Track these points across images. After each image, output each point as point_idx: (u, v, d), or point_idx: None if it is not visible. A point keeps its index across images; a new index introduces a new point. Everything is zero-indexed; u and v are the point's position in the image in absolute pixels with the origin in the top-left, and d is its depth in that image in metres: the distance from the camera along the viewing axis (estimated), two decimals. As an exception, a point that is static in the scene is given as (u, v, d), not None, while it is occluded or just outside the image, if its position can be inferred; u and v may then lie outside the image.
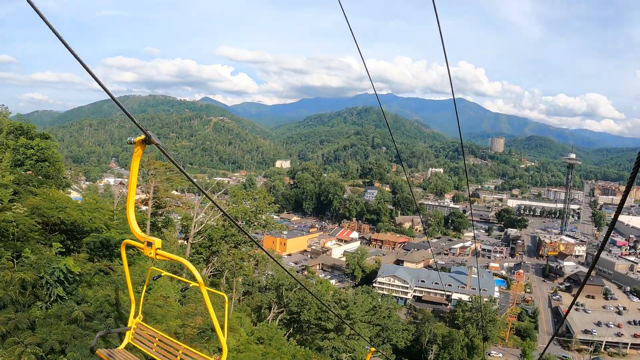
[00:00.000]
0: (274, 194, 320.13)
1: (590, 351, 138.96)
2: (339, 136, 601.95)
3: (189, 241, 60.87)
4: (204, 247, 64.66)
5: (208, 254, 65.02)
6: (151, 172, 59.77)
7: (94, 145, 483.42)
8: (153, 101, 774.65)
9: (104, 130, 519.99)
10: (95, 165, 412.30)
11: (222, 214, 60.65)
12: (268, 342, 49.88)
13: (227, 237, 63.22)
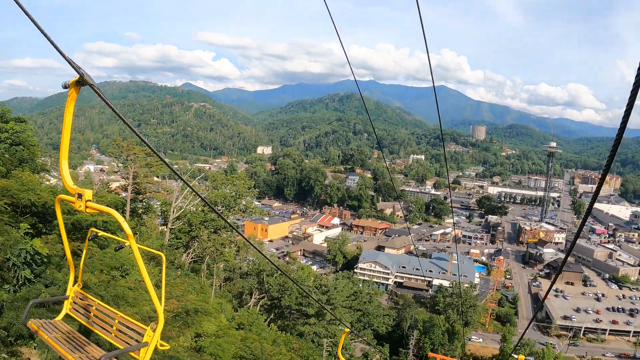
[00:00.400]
0: (255, 180, 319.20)
1: (569, 337, 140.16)
2: (320, 122, 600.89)
3: (168, 226, 60.07)
4: (184, 232, 63.79)
5: (187, 239, 64.17)
6: (130, 158, 58.77)
7: (74, 132, 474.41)
8: (134, 87, 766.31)
9: (84, 117, 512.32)
10: (75, 152, 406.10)
11: (201, 199, 59.84)
12: (248, 328, 49.41)
13: (207, 222, 62.40)
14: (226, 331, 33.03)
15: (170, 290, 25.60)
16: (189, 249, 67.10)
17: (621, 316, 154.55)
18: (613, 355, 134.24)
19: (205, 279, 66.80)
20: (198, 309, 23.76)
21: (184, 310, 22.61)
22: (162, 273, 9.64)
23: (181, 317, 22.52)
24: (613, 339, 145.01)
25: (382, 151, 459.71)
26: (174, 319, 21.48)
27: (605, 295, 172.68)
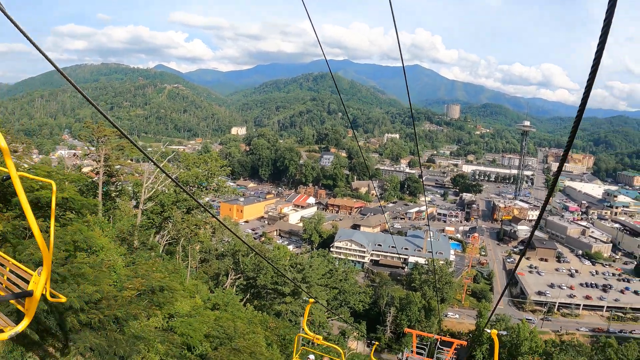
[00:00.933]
0: (229, 161, 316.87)
1: (543, 312, 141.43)
2: (294, 102, 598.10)
3: (140, 207, 58.64)
4: (156, 213, 62.31)
5: (160, 220, 62.73)
6: (101, 140, 57.06)
7: (46, 117, 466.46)
8: (106, 70, 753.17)
9: (55, 101, 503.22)
10: (47, 137, 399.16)
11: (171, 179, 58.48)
12: (224, 308, 48.57)
13: (179, 202, 60.98)
14: (199, 311, 32.15)
15: (135, 269, 24.55)
16: (162, 230, 65.78)
17: (594, 292, 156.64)
18: (587, 330, 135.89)
19: (180, 260, 65.73)
20: (163, 286, 22.58)
21: (148, 289, 21.46)
22: (51, 204, 8.38)
23: (147, 296, 21.38)
24: (587, 314, 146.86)
25: (357, 130, 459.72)
26: (138, 298, 20.32)
27: (578, 271, 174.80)
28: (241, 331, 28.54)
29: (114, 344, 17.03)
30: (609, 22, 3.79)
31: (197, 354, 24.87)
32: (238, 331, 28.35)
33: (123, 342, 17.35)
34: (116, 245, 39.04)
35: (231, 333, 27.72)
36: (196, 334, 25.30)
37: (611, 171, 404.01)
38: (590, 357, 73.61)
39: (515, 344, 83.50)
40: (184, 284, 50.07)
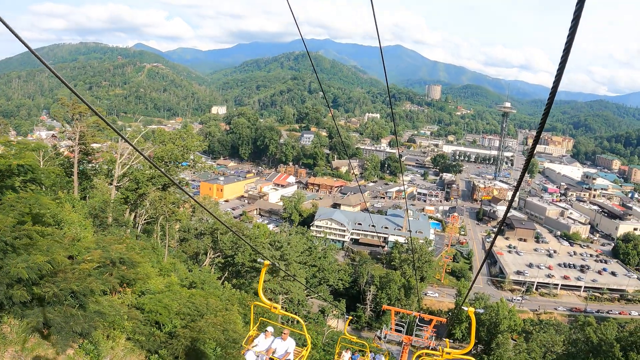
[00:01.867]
0: (209, 140, 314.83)
1: (522, 291, 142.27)
2: (275, 81, 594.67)
3: (114, 184, 57.01)
4: (130, 190, 60.60)
5: (135, 197, 61.06)
6: (76, 117, 55.19)
7: (24, 98, 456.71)
8: (84, 49, 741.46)
9: (33, 82, 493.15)
10: (25, 119, 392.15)
11: (146, 154, 57.02)
12: (200, 286, 47.60)
13: (154, 179, 59.37)
14: (173, 289, 31.08)
15: (97, 240, 23.26)
16: (138, 207, 64.28)
17: (572, 272, 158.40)
18: (565, 310, 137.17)
19: (158, 239, 64.53)
20: (124, 259, 21.29)
21: (107, 261, 20.19)
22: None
23: (107, 269, 20.14)
24: (564, 293, 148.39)
25: (338, 110, 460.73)
26: (98, 271, 19.03)
27: (557, 251, 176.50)
28: (213, 308, 27.40)
29: (71, 319, 15.83)
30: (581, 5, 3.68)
31: (166, 331, 23.74)
32: (210, 308, 27.21)
33: (81, 317, 16.14)
34: (88, 222, 37.73)
35: (203, 310, 26.64)
36: (166, 311, 24.19)
37: (590, 154, 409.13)
38: (568, 336, 73.68)
39: (495, 322, 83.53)
40: (162, 263, 49.00)
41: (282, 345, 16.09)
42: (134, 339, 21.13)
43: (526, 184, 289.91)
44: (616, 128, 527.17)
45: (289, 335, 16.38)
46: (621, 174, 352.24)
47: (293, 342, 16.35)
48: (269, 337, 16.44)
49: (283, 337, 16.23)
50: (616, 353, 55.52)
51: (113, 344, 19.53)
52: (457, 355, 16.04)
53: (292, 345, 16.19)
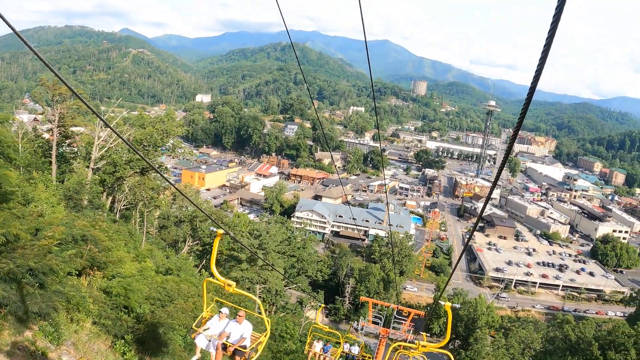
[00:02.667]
0: (193, 128, 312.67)
1: (500, 288, 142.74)
2: (261, 71, 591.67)
3: (91, 166, 55.70)
4: (108, 173, 59.23)
5: (112, 180, 59.69)
6: (56, 98, 53.81)
7: (6, 80, 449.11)
8: (70, 32, 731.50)
9: (17, 64, 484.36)
10: (7, 101, 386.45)
11: (125, 137, 55.73)
12: (176, 273, 46.59)
13: (132, 162, 58.09)
14: (146, 274, 30.14)
15: (62, 217, 22.27)
16: (115, 191, 63.08)
17: (551, 271, 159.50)
18: (542, 308, 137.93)
19: (137, 226, 63.55)
20: (87, 236, 20.30)
21: (70, 237, 19.22)
22: None
23: (69, 246, 19.18)
24: (542, 292, 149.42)
25: (323, 102, 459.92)
26: (59, 247, 18.03)
27: (536, 250, 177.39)
28: (185, 293, 26.43)
29: (28, 299, 14.87)
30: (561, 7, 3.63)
31: (134, 316, 22.82)
32: (182, 293, 26.25)
33: (38, 297, 15.17)
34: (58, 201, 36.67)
35: (174, 295, 25.69)
36: (134, 295, 23.28)
37: (572, 155, 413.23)
38: (546, 333, 73.74)
39: (473, 318, 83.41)
40: (139, 249, 47.98)
41: (237, 329, 14.44)
42: (100, 323, 20.18)
43: (508, 183, 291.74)
44: (599, 131, 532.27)
45: (244, 318, 14.62)
46: (602, 176, 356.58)
47: (250, 326, 14.61)
48: (223, 320, 14.77)
49: (238, 320, 14.47)
50: (594, 352, 55.55)
51: (77, 327, 18.60)
52: (433, 349, 16.32)
53: (248, 330, 14.52)
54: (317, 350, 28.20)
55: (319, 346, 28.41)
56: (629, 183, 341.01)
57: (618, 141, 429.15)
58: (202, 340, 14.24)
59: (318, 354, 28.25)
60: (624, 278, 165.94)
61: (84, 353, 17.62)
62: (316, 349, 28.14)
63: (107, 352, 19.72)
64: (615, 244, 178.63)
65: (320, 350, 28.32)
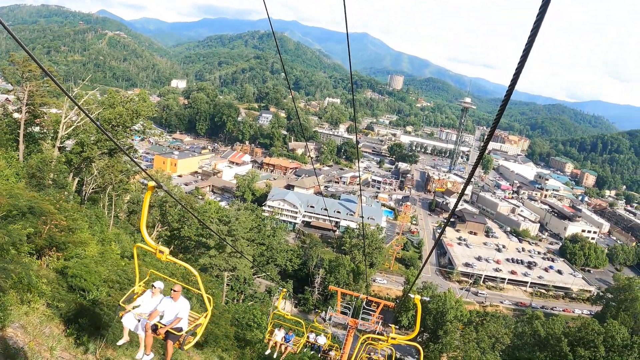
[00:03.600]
0: (167, 113, 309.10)
1: (470, 283, 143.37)
2: (238, 59, 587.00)
3: (57, 145, 53.93)
4: (75, 153, 57.33)
5: (79, 160, 57.82)
6: (25, 75, 51.90)
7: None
8: (46, 11, 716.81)
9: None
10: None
11: (93, 116, 54.10)
12: (142, 258, 45.11)
13: (100, 142, 56.34)
14: (107, 256, 28.96)
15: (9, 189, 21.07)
16: (81, 172, 61.29)
17: (519, 267, 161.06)
18: (510, 303, 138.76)
19: (105, 209, 62.02)
20: (34, 209, 19.10)
21: (16, 210, 18.02)
22: None
23: (12, 220, 17.99)
24: (511, 288, 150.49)
25: (299, 92, 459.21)
26: (5, 221, 16.86)
27: (506, 246, 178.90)
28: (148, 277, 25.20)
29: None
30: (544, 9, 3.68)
31: (90, 298, 21.60)
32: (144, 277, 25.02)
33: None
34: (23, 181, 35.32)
35: (134, 279, 24.47)
36: (92, 276, 22.04)
37: (545, 155, 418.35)
38: (514, 329, 73.94)
39: (442, 312, 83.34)
40: (105, 232, 46.62)
41: (171, 308, 12.08)
42: (53, 305, 18.98)
43: (480, 180, 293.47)
44: (572, 133, 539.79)
45: (181, 293, 12.28)
46: (573, 177, 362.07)
47: (187, 305, 12.31)
48: (156, 296, 12.51)
49: (173, 297, 12.11)
50: (564, 348, 55.64)
51: (28, 309, 17.38)
52: (402, 341, 16.49)
53: (184, 309, 12.23)
54: (278, 339, 27.09)
55: (281, 335, 27.37)
56: (599, 185, 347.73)
57: (590, 143, 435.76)
58: (130, 320, 12.21)
59: (279, 343, 27.13)
60: (591, 277, 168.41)
61: (34, 337, 16.44)
62: (277, 337, 27.06)
63: (60, 335, 18.05)
64: (584, 244, 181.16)
65: (281, 339, 27.26)
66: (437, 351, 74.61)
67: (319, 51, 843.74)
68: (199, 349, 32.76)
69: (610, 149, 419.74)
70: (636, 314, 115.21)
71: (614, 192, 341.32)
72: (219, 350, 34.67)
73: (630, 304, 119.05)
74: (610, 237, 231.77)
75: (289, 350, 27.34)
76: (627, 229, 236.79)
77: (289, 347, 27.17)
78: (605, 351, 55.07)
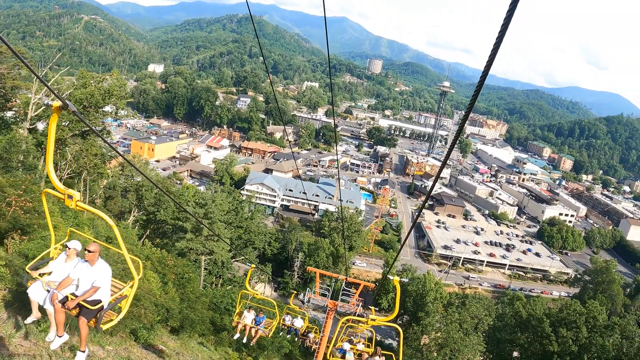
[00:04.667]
0: (144, 98, 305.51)
1: (448, 265, 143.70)
2: (216, 43, 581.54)
3: (26, 126, 52.17)
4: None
5: (49, 142, 55.86)
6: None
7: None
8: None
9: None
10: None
11: (64, 95, 52.50)
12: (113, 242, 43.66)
13: (72, 123, 54.60)
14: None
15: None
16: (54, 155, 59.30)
17: (498, 250, 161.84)
18: (489, 285, 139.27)
19: (81, 195, 60.16)
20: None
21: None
22: None
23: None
24: (490, 270, 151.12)
25: (277, 76, 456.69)
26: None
27: (484, 229, 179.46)
28: (114, 259, 24.03)
29: None
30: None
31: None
32: (110, 259, 23.85)
33: None
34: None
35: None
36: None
37: (522, 140, 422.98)
38: (495, 310, 73.75)
39: (421, 294, 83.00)
40: (79, 218, 45.32)
41: (87, 274, 9.54)
42: (12, 289, 17.93)
43: (458, 163, 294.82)
44: (550, 118, 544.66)
45: (98, 255, 9.75)
46: (551, 161, 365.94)
47: (107, 270, 9.66)
48: (71, 260, 9.98)
49: (89, 259, 9.57)
50: (546, 328, 55.41)
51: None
52: (382, 323, 16.77)
53: (103, 275, 9.55)
54: (248, 321, 25.25)
55: (250, 317, 25.49)
56: (576, 169, 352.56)
57: (568, 129, 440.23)
58: (37, 292, 9.60)
59: (249, 326, 25.28)
60: (568, 260, 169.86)
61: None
62: (247, 320, 25.25)
63: (20, 322, 17.70)
64: (561, 227, 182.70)
65: (251, 322, 25.34)
66: (418, 332, 74.36)
67: (298, 35, 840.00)
68: (175, 335, 31.71)
69: (588, 135, 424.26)
70: (613, 296, 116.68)
71: (590, 177, 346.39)
72: (196, 335, 33.62)
73: (608, 286, 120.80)
74: (587, 221, 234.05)
75: (260, 334, 25.56)
76: (603, 213, 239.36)
77: (259, 330, 25.36)
78: (588, 332, 55.03)
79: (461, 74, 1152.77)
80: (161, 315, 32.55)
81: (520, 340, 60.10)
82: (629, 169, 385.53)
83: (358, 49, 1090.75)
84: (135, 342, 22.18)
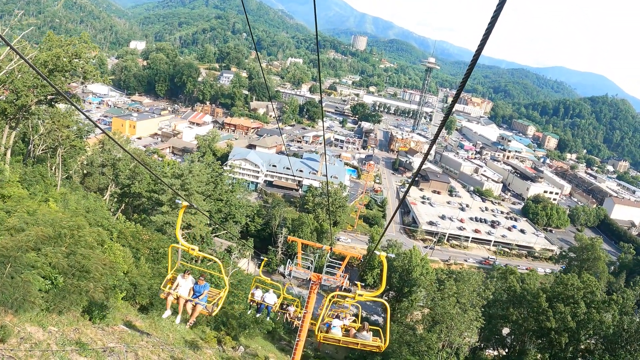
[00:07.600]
0: (125, 75, 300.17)
1: (434, 241, 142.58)
2: (199, 19, 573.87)
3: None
4: (8, 102, 51.45)
5: (14, 109, 51.80)
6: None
7: None
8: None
9: None
10: None
11: (29, 57, 48.96)
12: (84, 214, 40.54)
13: (38, 88, 50.80)
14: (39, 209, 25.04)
15: None
16: (19, 123, 55.86)
17: (483, 226, 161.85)
18: (474, 262, 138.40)
19: (55, 169, 57.66)
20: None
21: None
22: None
23: None
24: (475, 246, 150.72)
25: (261, 52, 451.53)
26: None
27: (469, 206, 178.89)
28: (61, 225, 20.65)
29: None
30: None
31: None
32: (57, 225, 20.43)
33: None
34: None
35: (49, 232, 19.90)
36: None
37: (507, 118, 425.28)
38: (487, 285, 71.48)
39: (407, 270, 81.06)
40: (51, 192, 42.68)
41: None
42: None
43: (443, 140, 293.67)
44: (534, 97, 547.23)
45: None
46: (535, 139, 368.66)
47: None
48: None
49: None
50: (542, 304, 53.28)
51: None
52: (369, 298, 17.05)
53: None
54: (183, 293, 17.16)
55: (187, 285, 17.39)
56: (560, 148, 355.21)
57: (552, 108, 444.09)
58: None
59: (183, 299, 17.14)
60: (553, 237, 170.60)
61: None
62: (181, 290, 17.15)
63: None
64: (546, 204, 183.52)
65: (188, 293, 17.29)
66: (405, 309, 72.48)
67: (282, 12, 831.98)
68: (144, 313, 29.13)
69: (572, 114, 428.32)
70: (598, 273, 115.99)
71: (574, 156, 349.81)
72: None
73: (593, 263, 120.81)
74: (572, 199, 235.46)
75: (201, 310, 17.62)
76: (587, 191, 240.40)
77: (198, 305, 17.39)
78: (587, 307, 53.07)
79: (446, 52, 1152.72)
80: (128, 291, 29.69)
81: (513, 317, 58.04)
82: (612, 149, 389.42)
83: (342, 26, 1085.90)
84: (91, 322, 19.41)
